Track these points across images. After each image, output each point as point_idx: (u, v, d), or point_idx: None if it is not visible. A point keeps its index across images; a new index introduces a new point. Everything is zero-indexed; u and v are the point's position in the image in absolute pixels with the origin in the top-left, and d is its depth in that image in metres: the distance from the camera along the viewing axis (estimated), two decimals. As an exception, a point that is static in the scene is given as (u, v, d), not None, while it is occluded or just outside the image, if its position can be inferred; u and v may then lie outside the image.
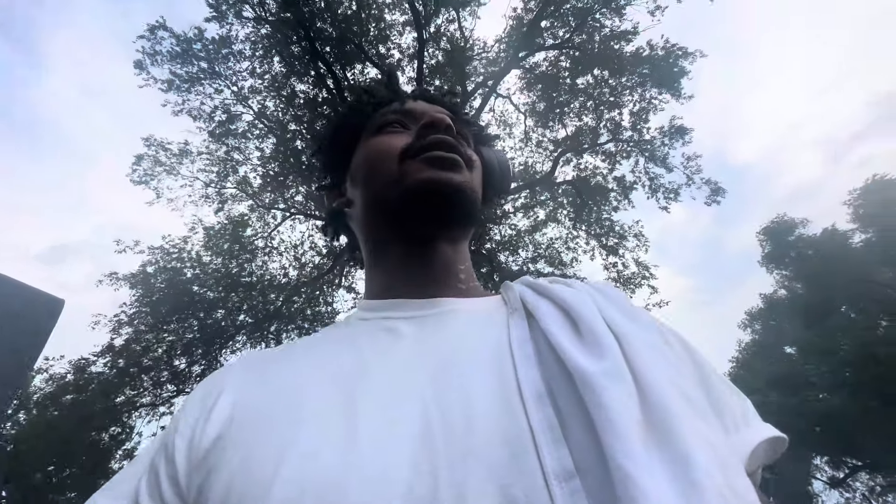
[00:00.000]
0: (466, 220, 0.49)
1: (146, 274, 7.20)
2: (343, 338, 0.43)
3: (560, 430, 0.29)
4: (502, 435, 0.29)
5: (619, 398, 0.29)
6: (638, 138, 7.98)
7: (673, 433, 0.27)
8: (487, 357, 0.36)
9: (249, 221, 8.12)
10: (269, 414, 0.34)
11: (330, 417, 0.32)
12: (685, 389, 0.32)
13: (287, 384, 0.37)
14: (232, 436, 0.33)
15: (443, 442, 0.29)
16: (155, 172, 8.08)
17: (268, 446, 0.31)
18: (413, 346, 0.39)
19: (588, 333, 0.34)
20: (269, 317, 7.59)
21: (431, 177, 0.44)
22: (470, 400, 0.32)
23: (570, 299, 0.38)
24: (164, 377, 7.32)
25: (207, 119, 7.99)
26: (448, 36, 8.41)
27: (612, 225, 8.19)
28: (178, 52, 7.39)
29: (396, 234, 0.48)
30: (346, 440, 0.30)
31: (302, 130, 8.01)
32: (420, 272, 0.47)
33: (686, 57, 7.40)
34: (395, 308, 0.45)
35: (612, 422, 0.27)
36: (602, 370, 0.31)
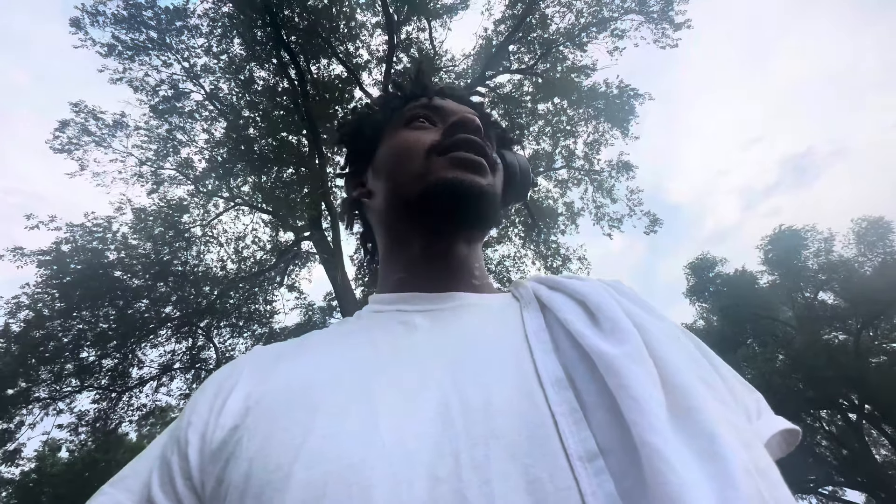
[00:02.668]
0: (486, 223, 0.49)
1: (60, 252, 6.43)
2: (357, 330, 0.43)
3: (581, 413, 0.29)
4: (523, 419, 0.29)
5: (642, 379, 0.29)
6: (589, 168, 8.45)
7: (696, 413, 0.27)
8: (504, 346, 0.36)
9: (188, 207, 7.55)
10: (285, 403, 0.33)
11: (348, 404, 0.32)
12: (704, 375, 0.32)
13: (302, 375, 0.36)
14: (248, 425, 0.33)
15: (463, 425, 0.29)
16: (81, 142, 7.31)
17: (286, 433, 0.30)
18: (429, 338, 0.39)
19: (606, 321, 0.35)
20: (200, 311, 7.05)
21: (457, 177, 0.45)
22: (489, 387, 0.32)
23: (586, 291, 0.39)
24: (67, 369, 6.54)
25: (151, 92, 7.38)
26: (418, 44, 8.46)
27: (557, 247, 8.56)
28: (125, 16, 6.80)
29: (416, 228, 0.48)
30: (365, 424, 0.30)
31: (256, 118, 7.63)
32: (437, 267, 0.47)
33: (637, 98, 7.99)
34: (409, 301, 0.45)
35: (636, 400, 0.27)
36: (623, 353, 0.31)
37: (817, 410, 11.72)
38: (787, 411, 6.56)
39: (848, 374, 9.96)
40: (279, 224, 7.83)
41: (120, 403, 7.15)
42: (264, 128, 7.45)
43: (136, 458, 0.38)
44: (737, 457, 0.25)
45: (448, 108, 0.52)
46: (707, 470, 0.25)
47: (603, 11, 7.70)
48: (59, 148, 7.14)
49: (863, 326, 10.86)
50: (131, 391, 7.31)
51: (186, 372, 7.56)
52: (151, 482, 0.35)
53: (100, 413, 7.04)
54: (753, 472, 0.26)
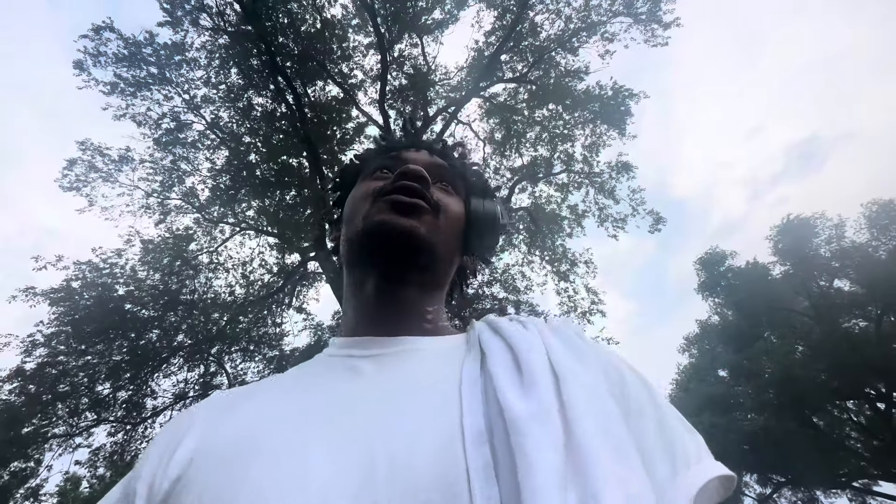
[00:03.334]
0: (420, 263, 0.49)
1: (70, 289, 6.52)
2: (308, 375, 0.46)
3: (493, 469, 0.31)
4: (441, 474, 0.31)
5: (541, 443, 0.30)
6: (589, 171, 8.45)
7: (588, 475, 0.29)
8: (437, 397, 0.37)
9: (194, 235, 7.64)
10: (225, 455, 0.35)
11: (281, 457, 0.34)
12: (613, 433, 0.33)
13: (247, 425, 0.38)
14: (190, 476, 0.35)
15: (385, 481, 0.31)
16: (89, 179, 7.48)
17: (221, 486, 0.32)
18: (369, 385, 0.41)
19: (527, 374, 0.36)
20: (210, 338, 7.09)
21: (384, 219, 0.47)
22: (415, 440, 0.33)
23: (517, 339, 0.40)
24: (83, 404, 6.58)
25: (154, 126, 7.55)
26: (411, 61, 8.59)
27: (564, 252, 8.52)
28: (125, 54, 6.99)
29: (366, 270, 0.50)
30: (295, 479, 0.32)
31: (257, 143, 7.76)
32: (386, 311, 0.49)
33: (632, 97, 8.01)
34: (359, 346, 0.47)
35: (530, 465, 0.29)
36: (530, 413, 0.32)
37: (843, 401, 11.41)
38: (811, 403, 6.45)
39: (872, 362, 9.70)
40: (285, 246, 7.90)
41: (136, 435, 7.17)
42: (265, 152, 7.57)
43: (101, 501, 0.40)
44: None
45: (405, 159, 0.55)
46: None
47: (591, 16, 7.77)
48: (67, 186, 7.30)
49: (883, 312, 10.61)
50: (146, 422, 7.32)
51: (200, 399, 7.57)
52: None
53: (116, 446, 7.05)
54: None
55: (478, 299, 7.89)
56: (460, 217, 0.54)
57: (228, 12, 7.25)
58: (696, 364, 14.53)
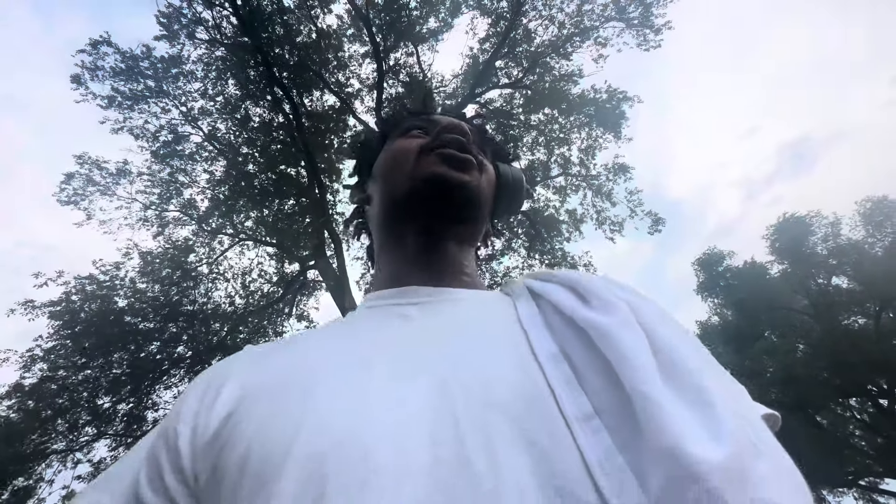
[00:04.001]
0: (469, 218, 0.50)
1: (70, 302, 6.49)
2: (352, 323, 0.44)
3: (577, 381, 0.31)
4: (521, 390, 0.30)
5: (631, 341, 0.30)
6: (586, 174, 8.49)
7: (684, 370, 0.29)
8: (499, 330, 0.37)
9: (193, 247, 7.63)
10: (281, 387, 0.34)
11: (344, 384, 0.33)
12: (692, 343, 0.34)
13: (297, 364, 0.37)
14: (244, 410, 0.33)
15: (462, 396, 0.30)
16: (87, 192, 7.48)
17: (284, 413, 0.31)
18: (424, 326, 0.40)
19: (597, 300, 0.36)
20: (211, 349, 7.05)
21: (440, 171, 0.47)
22: (485, 365, 0.33)
23: (576, 277, 0.40)
24: (83, 419, 6.52)
25: (151, 139, 7.57)
26: (407, 69, 8.66)
27: (564, 255, 8.54)
28: (123, 68, 7.03)
29: (408, 225, 0.50)
30: (363, 399, 0.31)
31: (255, 154, 7.78)
32: (427, 263, 0.48)
33: (626, 101, 8.08)
34: (404, 295, 0.46)
35: (627, 358, 0.29)
36: (615, 321, 0.32)
37: (846, 399, 11.40)
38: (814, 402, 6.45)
39: (873, 359, 9.71)
40: (284, 255, 7.89)
41: (137, 449, 7.10)
42: (263, 162, 7.59)
43: (120, 459, 0.38)
44: (724, 404, 0.27)
45: (441, 119, 0.55)
46: (696, 414, 0.26)
47: (584, 21, 7.86)
48: (65, 200, 7.30)
49: (881, 308, 10.64)
50: (147, 436, 7.26)
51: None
52: (139, 481, 0.34)
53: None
54: (741, 418, 0.27)
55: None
56: (493, 179, 0.55)
57: (224, 25, 7.32)
58: (698, 365, 14.47)
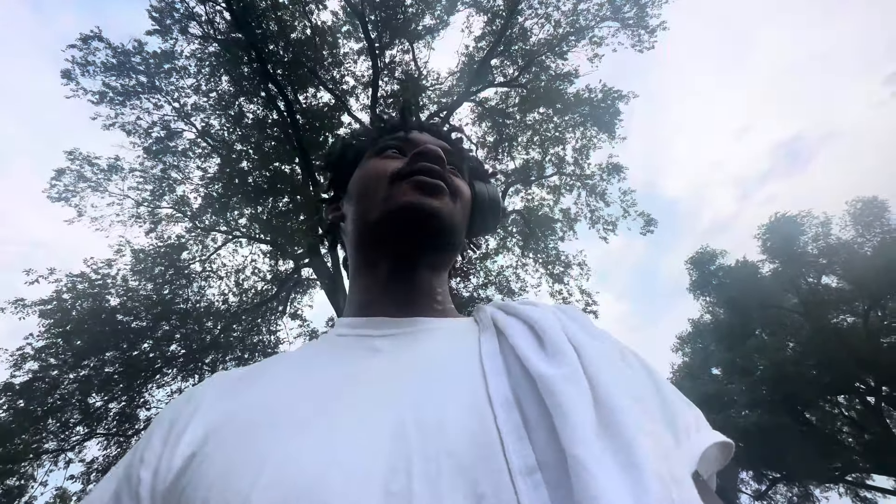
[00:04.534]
0: (442, 246, 0.50)
1: (61, 301, 6.42)
2: (320, 353, 0.45)
3: (525, 430, 0.32)
4: (472, 438, 0.31)
5: (574, 398, 0.32)
6: (580, 173, 8.53)
7: (620, 426, 0.30)
8: (460, 369, 0.38)
9: (187, 244, 7.58)
10: (246, 427, 0.34)
11: (306, 426, 0.33)
12: (634, 392, 0.35)
13: (264, 399, 0.37)
14: (208, 452, 0.33)
15: (417, 443, 0.31)
16: (78, 189, 7.39)
17: (246, 455, 0.32)
18: (389, 362, 0.41)
19: (550, 345, 0.37)
20: (204, 347, 7.01)
21: (412, 200, 0.47)
22: (443, 408, 0.34)
23: (536, 316, 0.41)
24: (74, 418, 6.46)
25: (143, 135, 7.49)
26: (403, 67, 8.63)
27: (558, 254, 8.57)
28: (114, 63, 6.94)
29: (381, 251, 0.50)
30: (322, 445, 0.32)
31: (249, 151, 7.73)
32: (399, 291, 0.49)
33: (621, 98, 8.11)
34: (373, 325, 0.46)
35: (566, 416, 0.30)
36: (561, 375, 0.34)
37: (834, 396, 11.57)
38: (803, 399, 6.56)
39: (861, 357, 9.86)
40: (278, 253, 7.85)
41: (129, 447, 7.05)
42: (257, 160, 7.54)
43: (93, 489, 0.38)
44: (651, 465, 0.28)
45: (418, 140, 0.55)
46: (625, 478, 0.27)
47: (579, 20, 7.88)
48: (56, 196, 7.21)
49: (870, 307, 10.81)
50: (139, 434, 7.22)
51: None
52: None
53: (109, 459, 6.93)
54: (667, 479, 0.28)
55: (473, 303, 7.90)
56: (469, 200, 0.55)
57: (218, 20, 7.24)
58: (690, 363, 14.66)
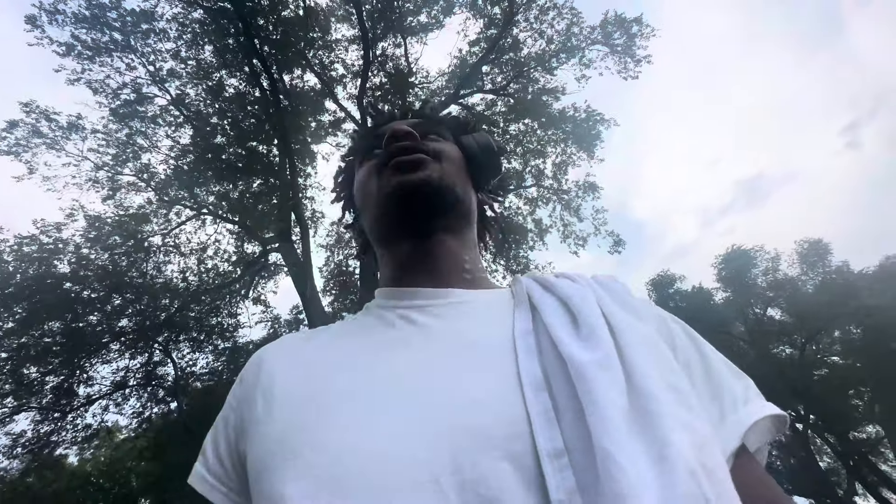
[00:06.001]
0: (445, 207, 0.51)
1: (3, 262, 5.96)
2: (366, 327, 0.48)
3: (554, 413, 0.32)
4: (501, 417, 0.32)
5: (606, 386, 0.32)
6: (557, 187, 8.73)
7: (653, 417, 0.30)
8: (492, 347, 0.39)
9: (148, 216, 7.21)
10: (301, 395, 0.38)
11: (354, 400, 0.36)
12: (671, 379, 0.35)
13: (318, 369, 0.41)
14: (270, 412, 0.38)
15: (446, 419, 0.33)
16: (31, 144, 6.89)
17: (294, 424, 0.36)
18: (424, 337, 0.42)
19: (585, 326, 0.38)
20: (157, 325, 6.69)
21: (396, 182, 0.50)
22: (474, 386, 0.35)
23: (572, 294, 0.42)
24: (5, 388, 6.01)
25: (112, 95, 7.08)
26: (394, 61, 8.56)
27: (527, 263, 8.74)
28: (87, 16, 6.52)
29: (397, 236, 0.52)
30: (367, 420, 0.34)
31: (226, 126, 7.44)
32: (428, 262, 0.51)
33: (602, 122, 8.37)
34: (408, 296, 0.48)
35: (597, 407, 0.30)
36: (594, 360, 0.34)
37: (767, 421, 12.34)
38: (740, 424, 6.94)
39: (795, 386, 10.60)
40: (245, 235, 7.60)
41: (65, 423, 6.62)
42: (234, 136, 7.27)
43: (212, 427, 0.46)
44: (684, 459, 0.28)
45: (387, 129, 0.56)
46: (655, 471, 0.28)
47: (571, 40, 8.07)
48: (4, 150, 6.69)
49: (807, 341, 11.63)
50: (76, 411, 6.80)
51: (142, 389, 7.12)
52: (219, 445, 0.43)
53: (39, 435, 6.49)
54: (699, 472, 0.28)
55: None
56: (459, 157, 0.57)
57: (206, -14, 6.94)
58: (641, 379, 15.24)
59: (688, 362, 0.40)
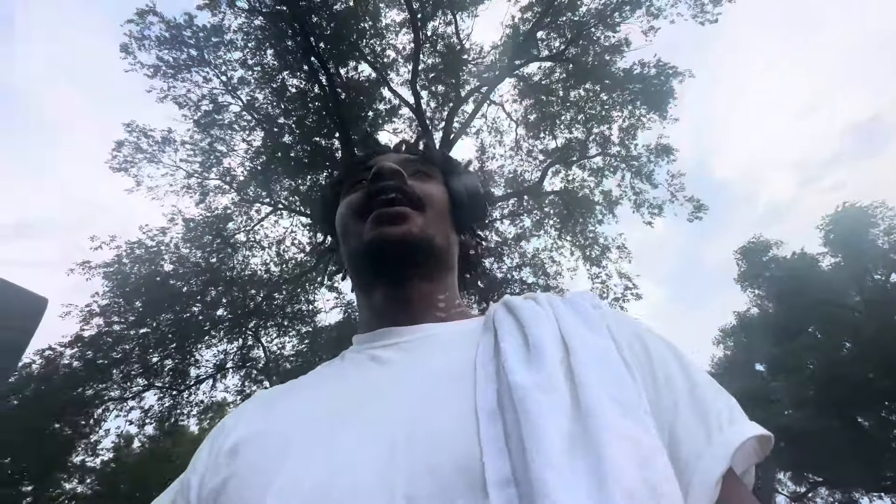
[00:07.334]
0: (421, 259, 0.52)
1: (121, 265, 6.96)
2: (336, 371, 0.50)
3: (504, 442, 0.32)
4: (456, 450, 0.33)
5: (547, 410, 0.32)
6: (625, 154, 8.12)
7: (593, 434, 0.30)
8: (453, 377, 0.39)
9: (233, 215, 7.94)
10: (264, 447, 0.39)
11: (314, 446, 0.37)
12: (617, 393, 0.34)
13: (284, 419, 0.42)
14: (235, 466, 0.39)
15: (405, 459, 0.33)
16: (135, 160, 7.84)
17: (260, 474, 0.36)
18: (390, 373, 0.44)
19: (534, 348, 0.38)
20: (248, 313, 7.43)
21: (376, 234, 0.51)
22: (432, 420, 0.36)
23: (529, 318, 0.42)
24: (134, 370, 7.10)
25: (194, 108, 7.80)
26: (445, 39, 8.41)
27: (596, 237, 8.31)
28: (167, 37, 7.19)
29: (370, 280, 0.54)
30: (326, 463, 0.35)
31: (291, 125, 7.88)
32: (400, 305, 0.52)
33: (676, 76, 7.56)
34: (381, 337, 0.50)
35: (535, 430, 0.30)
36: (535, 383, 0.34)
37: (892, 402, 10.77)
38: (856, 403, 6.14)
39: (928, 363, 9.07)
40: (317, 226, 8.09)
41: (181, 400, 7.69)
42: (299, 134, 7.68)
43: (162, 493, 0.45)
44: (620, 478, 0.28)
45: (377, 162, 0.57)
46: (592, 495, 0.27)
47: (636, -12, 7.34)
48: (116, 167, 7.69)
49: (945, 310, 9.84)
50: (190, 389, 7.84)
51: (239, 370, 8.01)
52: None
53: (164, 409, 7.60)
54: (638, 491, 0.28)
55: (507, 284, 7.86)
56: (444, 199, 0.57)
57: (263, -8, 7.29)
58: (732, 357, 14.04)
59: (669, 377, 0.38)
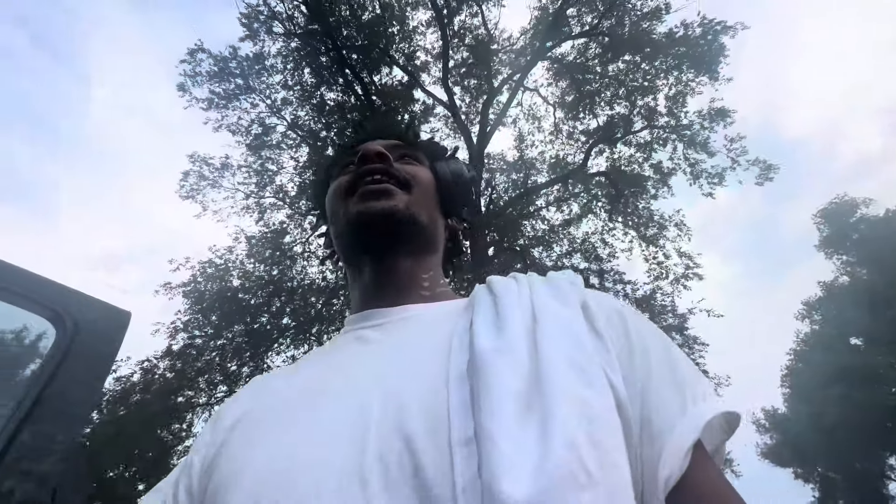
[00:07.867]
0: (408, 235, 0.54)
1: (196, 283, 7.65)
2: (326, 352, 0.53)
3: (471, 404, 0.34)
4: (426, 411, 0.35)
5: (500, 370, 0.34)
6: (675, 124, 7.62)
7: (545, 396, 0.32)
8: (432, 351, 0.41)
9: (288, 229, 8.44)
10: (251, 424, 0.43)
11: (296, 419, 0.40)
12: (576, 358, 0.35)
13: (270, 399, 0.46)
14: (229, 443, 0.42)
15: (377, 421, 0.35)
16: (200, 186, 8.56)
17: (245, 447, 0.40)
18: (374, 351, 0.46)
19: (501, 318, 0.40)
20: (310, 320, 7.87)
21: (360, 209, 0.52)
22: (406, 385, 0.38)
23: (503, 292, 0.44)
24: (217, 378, 7.77)
25: (245, 133, 8.37)
26: (472, 32, 8.36)
27: (650, 214, 7.88)
28: (216, 71, 7.78)
29: (358, 259, 0.56)
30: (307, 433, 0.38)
31: (333, 138, 8.23)
32: (386, 286, 0.53)
33: (726, 31, 6.97)
34: (366, 318, 0.52)
35: (489, 390, 0.33)
36: (494, 347, 0.36)
37: None
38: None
39: None
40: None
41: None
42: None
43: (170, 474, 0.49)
44: (563, 431, 0.29)
45: (364, 147, 0.58)
46: (539, 447, 0.29)
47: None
48: (185, 195, 8.44)
49: None
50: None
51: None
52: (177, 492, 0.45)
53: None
54: (580, 444, 0.29)
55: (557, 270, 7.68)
56: (430, 183, 0.59)
57: (296, 15, 7.66)
58: (821, 332, 12.71)
59: (646, 350, 0.40)
